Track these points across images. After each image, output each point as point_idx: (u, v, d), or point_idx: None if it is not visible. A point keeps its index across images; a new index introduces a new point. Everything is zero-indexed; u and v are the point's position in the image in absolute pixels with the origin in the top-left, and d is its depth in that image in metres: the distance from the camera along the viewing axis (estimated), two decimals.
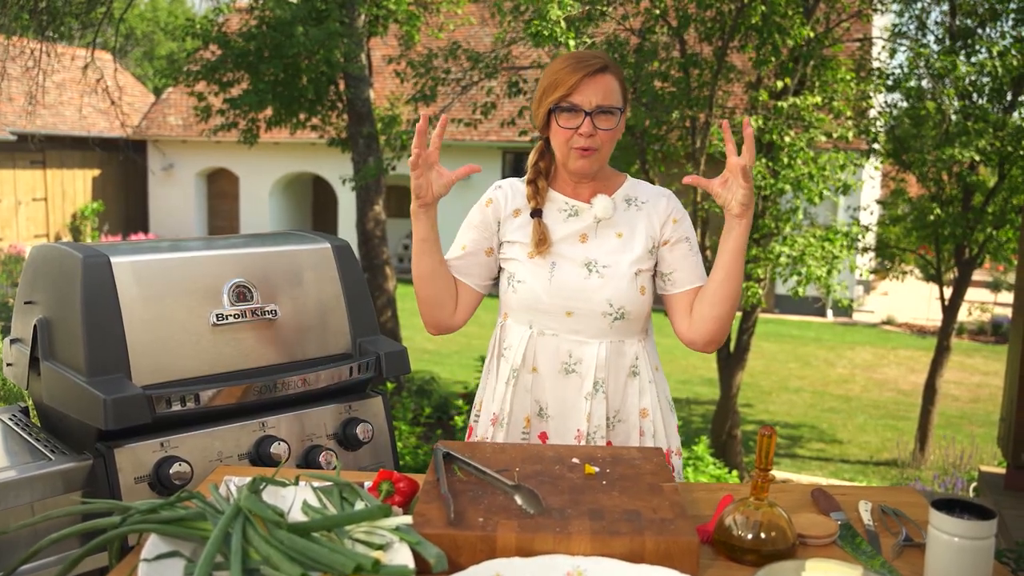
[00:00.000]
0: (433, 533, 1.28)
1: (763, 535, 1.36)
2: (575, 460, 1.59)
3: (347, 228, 17.13)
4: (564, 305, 1.90)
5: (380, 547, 1.26)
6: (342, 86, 8.53)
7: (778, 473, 7.51)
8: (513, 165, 17.44)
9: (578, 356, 1.91)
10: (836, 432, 9.23)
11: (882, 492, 1.68)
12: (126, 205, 20.51)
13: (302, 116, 8.60)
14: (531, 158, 1.99)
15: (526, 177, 2.00)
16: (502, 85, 7.24)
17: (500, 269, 2.02)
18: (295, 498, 1.41)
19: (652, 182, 2.38)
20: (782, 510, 1.40)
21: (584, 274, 1.90)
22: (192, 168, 19.71)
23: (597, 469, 1.54)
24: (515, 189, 2.01)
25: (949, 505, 1.28)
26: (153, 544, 1.24)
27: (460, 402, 6.90)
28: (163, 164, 19.77)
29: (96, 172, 19.84)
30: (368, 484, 1.54)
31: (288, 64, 7.81)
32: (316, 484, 1.46)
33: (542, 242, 1.91)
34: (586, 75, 1.81)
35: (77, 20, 8.13)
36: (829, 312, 15.87)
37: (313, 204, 20.53)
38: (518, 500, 1.38)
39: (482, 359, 8.15)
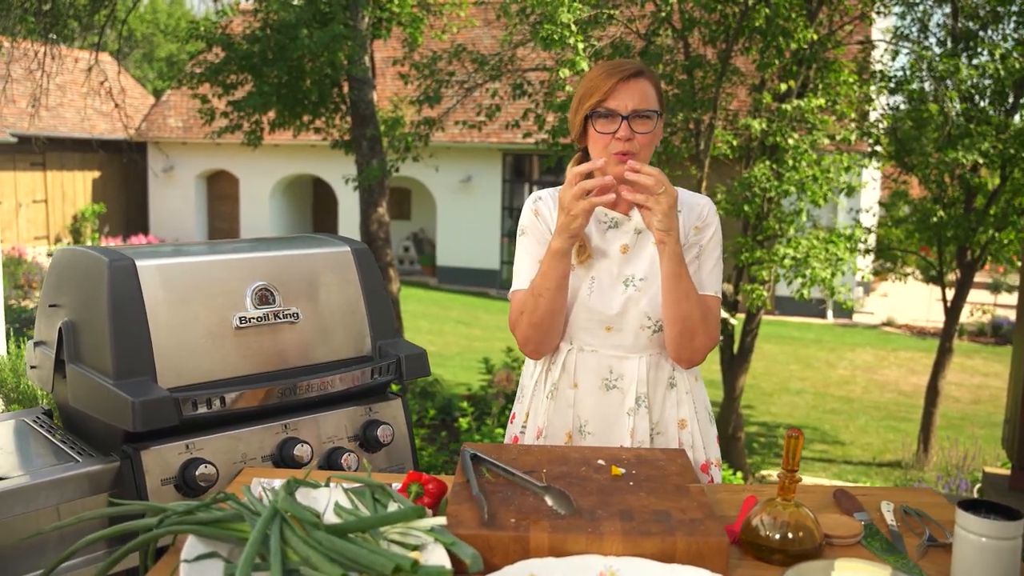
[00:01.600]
0: (467, 534, 1.30)
1: (790, 535, 1.38)
2: (601, 462, 1.60)
3: (347, 230, 17.15)
4: (603, 321, 1.90)
5: (415, 548, 1.27)
6: (345, 88, 8.55)
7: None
8: (513, 167, 17.48)
9: (619, 372, 1.91)
10: (838, 433, 9.26)
11: (903, 493, 1.70)
12: (126, 207, 20.53)
13: (305, 118, 8.62)
14: (569, 168, 1.93)
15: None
16: (506, 87, 7.26)
17: None
18: (326, 500, 1.43)
19: None
20: (809, 510, 1.41)
21: (621, 290, 1.90)
22: (192, 170, 19.73)
23: (623, 470, 1.56)
24: (555, 199, 1.98)
25: (975, 506, 1.30)
26: (192, 545, 1.26)
27: (465, 404, 6.91)
28: (163, 166, 19.79)
29: (96, 174, 19.85)
30: (396, 486, 1.56)
31: (292, 66, 7.83)
32: (346, 486, 1.48)
33: (582, 251, 1.90)
34: (620, 80, 1.81)
35: (79, 23, 8.15)
36: (829, 313, 15.90)
37: (313, 206, 20.55)
38: (549, 501, 1.40)
39: (485, 360, 8.19)
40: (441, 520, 1.29)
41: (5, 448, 1.92)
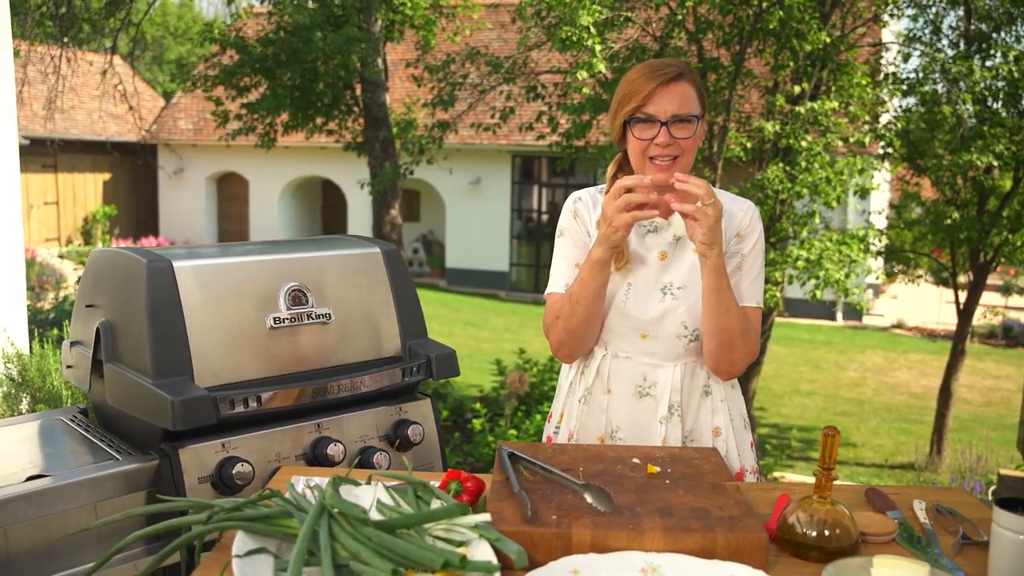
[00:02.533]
0: (510, 530, 1.32)
1: (827, 532, 1.39)
2: (636, 460, 1.62)
3: (356, 232, 17.16)
4: (638, 328, 1.88)
5: (459, 544, 1.29)
6: (358, 90, 8.58)
7: (794, 476, 7.54)
8: (522, 169, 17.51)
9: (653, 379, 1.90)
10: (849, 435, 9.25)
11: (934, 492, 1.71)
12: (136, 209, 20.63)
13: (318, 120, 8.66)
14: (609, 170, 1.95)
15: (604, 188, 1.95)
16: (520, 90, 7.28)
17: None
18: (367, 498, 1.45)
19: None
20: (844, 508, 1.43)
21: (659, 297, 1.88)
22: (202, 172, 19.81)
23: (659, 469, 1.58)
24: (595, 200, 1.97)
25: (1011, 504, 1.32)
26: (241, 541, 1.28)
27: (478, 405, 6.93)
28: (173, 168, 19.87)
29: (107, 176, 19.96)
30: (433, 484, 1.58)
31: (305, 69, 7.87)
32: (387, 483, 1.50)
33: (620, 257, 1.87)
34: (660, 84, 1.78)
35: (92, 26, 8.21)
36: (839, 315, 15.88)
37: (323, 208, 20.61)
38: (588, 498, 1.42)
39: (498, 362, 8.21)
40: (485, 517, 1.31)
41: (44, 446, 1.95)
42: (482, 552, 1.26)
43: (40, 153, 16.87)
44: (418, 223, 19.32)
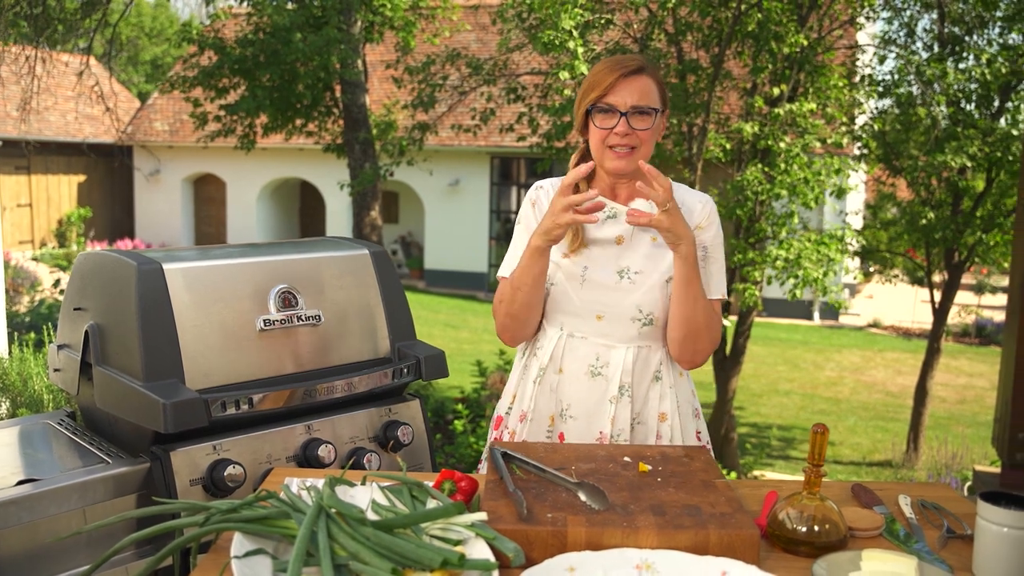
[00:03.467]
0: (506, 529, 1.33)
1: (816, 528, 1.42)
2: (627, 459, 1.64)
3: (335, 234, 17.12)
4: (594, 309, 1.94)
5: (456, 543, 1.30)
6: (338, 92, 8.56)
7: (772, 475, 7.60)
8: (501, 170, 17.52)
9: (605, 360, 1.95)
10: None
11: (919, 488, 1.75)
12: (112, 211, 20.43)
13: (298, 122, 8.62)
14: (572, 161, 2.02)
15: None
16: (500, 91, 7.30)
17: None
18: (363, 498, 1.45)
19: None
20: (833, 503, 1.46)
21: (616, 280, 1.94)
22: (179, 173, 19.64)
23: (650, 467, 1.60)
24: (556, 189, 2.00)
25: (995, 497, 1.35)
26: (239, 542, 1.28)
27: (460, 406, 6.94)
28: (150, 170, 19.69)
29: (81, 178, 19.75)
30: (427, 484, 1.59)
31: (285, 70, 7.84)
32: (382, 484, 1.51)
33: (575, 240, 1.94)
34: (621, 76, 1.85)
35: (65, 26, 8.13)
36: (816, 315, 16.03)
37: (300, 209, 20.51)
38: (582, 496, 1.43)
39: (478, 363, 8.23)
40: (482, 516, 1.33)
41: (32, 450, 1.94)
42: (479, 551, 1.28)
43: (13, 155, 16.68)
44: (397, 225, 19.29)
